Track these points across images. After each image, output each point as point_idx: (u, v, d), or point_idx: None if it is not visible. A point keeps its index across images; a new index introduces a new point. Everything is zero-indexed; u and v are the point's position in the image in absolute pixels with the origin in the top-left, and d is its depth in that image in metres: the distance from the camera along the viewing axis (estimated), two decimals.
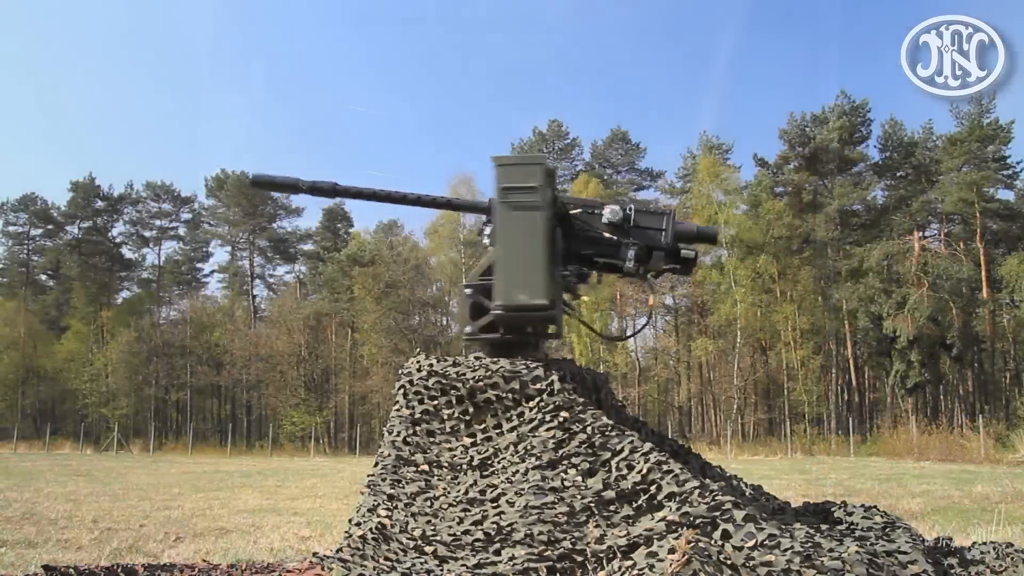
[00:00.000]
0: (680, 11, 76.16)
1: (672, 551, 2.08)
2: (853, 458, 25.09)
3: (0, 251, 54.32)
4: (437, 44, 78.17)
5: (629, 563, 2.14)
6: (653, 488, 2.37)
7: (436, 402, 2.80)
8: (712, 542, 2.13)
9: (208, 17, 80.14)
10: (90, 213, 52.54)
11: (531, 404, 2.70)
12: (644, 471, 2.41)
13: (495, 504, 2.46)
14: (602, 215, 2.91)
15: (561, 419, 2.61)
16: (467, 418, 2.75)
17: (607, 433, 2.55)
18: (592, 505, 2.37)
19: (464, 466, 2.64)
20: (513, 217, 2.66)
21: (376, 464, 2.74)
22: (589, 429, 2.57)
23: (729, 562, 2.04)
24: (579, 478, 2.45)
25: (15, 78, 76.05)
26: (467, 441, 2.71)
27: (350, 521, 2.60)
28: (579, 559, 2.22)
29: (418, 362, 2.93)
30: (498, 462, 2.61)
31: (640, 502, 2.37)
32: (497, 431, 2.70)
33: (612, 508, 2.38)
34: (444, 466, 2.66)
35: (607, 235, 2.90)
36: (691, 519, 2.23)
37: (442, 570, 2.24)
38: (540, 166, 2.62)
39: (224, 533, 5.37)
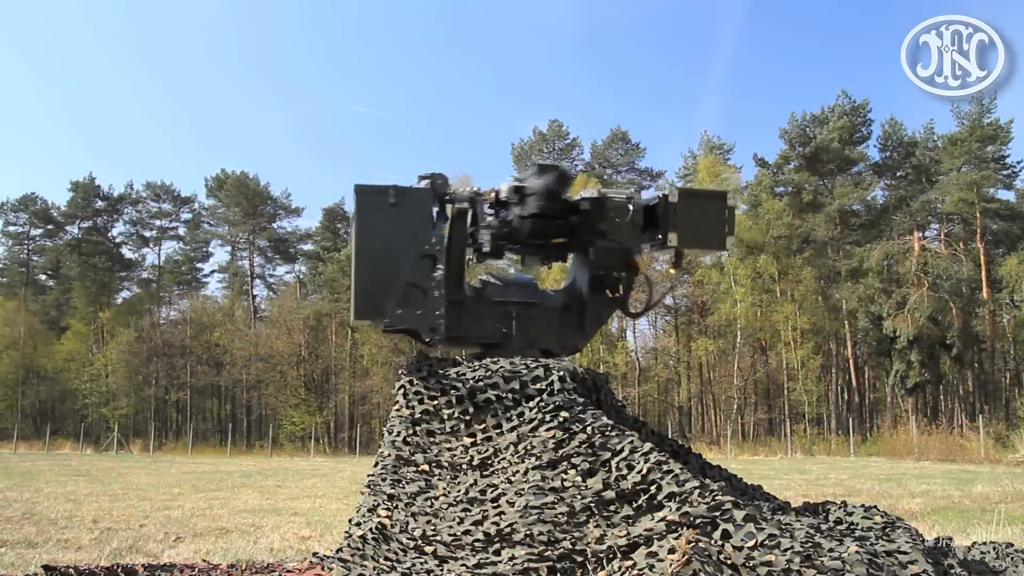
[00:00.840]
0: (680, 11, 76.18)
1: (672, 551, 2.08)
2: (853, 458, 25.08)
3: (0, 251, 54.34)
4: (437, 44, 78.24)
5: (629, 563, 2.14)
6: (653, 488, 2.37)
7: (436, 402, 2.80)
8: (712, 542, 2.13)
9: (209, 17, 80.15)
10: (90, 213, 52.51)
11: (531, 404, 2.70)
12: (644, 471, 2.40)
13: (495, 504, 2.45)
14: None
15: (561, 419, 2.60)
16: (467, 418, 2.75)
17: (607, 433, 2.55)
18: (592, 505, 2.37)
19: (464, 466, 2.64)
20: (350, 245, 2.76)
21: (376, 464, 2.74)
22: (589, 429, 2.56)
23: (729, 562, 2.03)
24: (579, 478, 2.45)
25: (15, 78, 76.11)
26: (467, 441, 2.71)
27: (350, 521, 2.60)
28: (579, 559, 2.22)
29: (418, 362, 2.93)
30: (498, 462, 2.61)
31: (640, 502, 2.37)
32: (497, 431, 2.69)
33: (612, 508, 2.38)
34: (444, 466, 2.66)
35: (490, 219, 2.91)
36: (691, 519, 2.23)
37: (442, 570, 2.24)
38: (356, 195, 2.71)
39: (224, 533, 5.37)
